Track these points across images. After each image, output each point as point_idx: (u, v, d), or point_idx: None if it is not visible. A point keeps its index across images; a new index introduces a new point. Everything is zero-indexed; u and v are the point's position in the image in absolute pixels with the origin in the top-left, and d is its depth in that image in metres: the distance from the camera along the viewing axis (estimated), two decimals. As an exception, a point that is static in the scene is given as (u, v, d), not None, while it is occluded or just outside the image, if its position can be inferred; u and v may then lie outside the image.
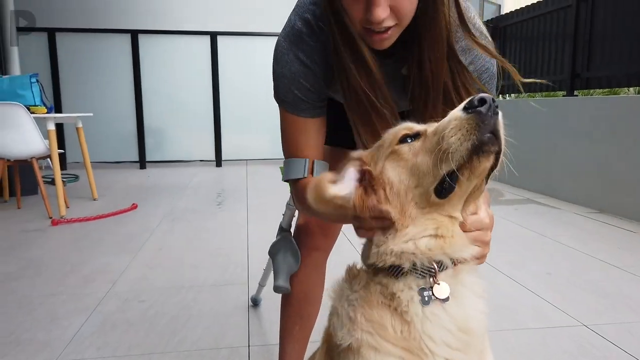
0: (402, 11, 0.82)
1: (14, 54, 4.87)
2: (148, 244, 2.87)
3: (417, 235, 0.71)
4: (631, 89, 4.59)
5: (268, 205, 3.93)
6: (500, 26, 5.56)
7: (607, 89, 4.34)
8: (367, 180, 0.76)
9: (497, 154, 0.69)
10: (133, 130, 6.39)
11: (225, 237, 3.04)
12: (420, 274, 0.71)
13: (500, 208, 3.94)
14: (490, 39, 1.01)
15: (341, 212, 0.75)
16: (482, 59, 1.01)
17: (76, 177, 5.30)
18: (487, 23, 5.99)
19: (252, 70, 6.51)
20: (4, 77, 3.78)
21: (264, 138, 6.72)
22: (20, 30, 4.95)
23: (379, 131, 0.89)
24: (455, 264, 0.72)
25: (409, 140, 0.75)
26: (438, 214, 0.71)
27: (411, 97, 0.98)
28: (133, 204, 3.89)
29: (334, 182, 0.75)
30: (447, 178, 0.67)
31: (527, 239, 3.04)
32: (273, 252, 1.31)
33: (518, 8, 5.32)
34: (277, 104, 1.08)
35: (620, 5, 3.79)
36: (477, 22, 0.99)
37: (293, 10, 1.04)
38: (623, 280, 2.31)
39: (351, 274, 0.80)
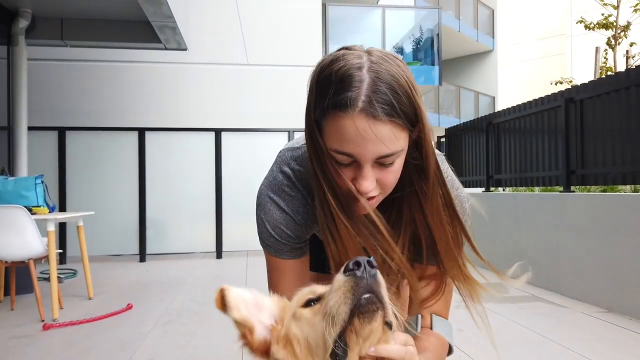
0: (387, 184, 0.88)
1: (23, 151, 5.03)
2: (138, 354, 2.77)
3: None
4: (627, 186, 4.64)
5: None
6: (493, 123, 5.76)
7: (603, 186, 4.39)
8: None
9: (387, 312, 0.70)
10: (135, 223, 6.42)
11: (219, 345, 2.93)
12: None
13: (506, 306, 3.82)
14: (465, 203, 1.09)
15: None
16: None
17: (74, 273, 5.24)
18: (481, 119, 6.22)
19: (253, 163, 6.67)
20: (10, 178, 3.87)
21: (265, 229, 6.70)
22: (31, 129, 5.15)
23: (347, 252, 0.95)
24: None
25: (312, 304, 0.76)
26: None
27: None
28: (128, 304, 3.80)
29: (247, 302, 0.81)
30: (338, 341, 0.67)
31: (534, 344, 2.91)
32: None
33: (510, 106, 5.54)
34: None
35: (607, 107, 3.95)
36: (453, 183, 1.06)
37: (275, 162, 1.10)
38: (638, 397, 2.17)
39: None
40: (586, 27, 11.35)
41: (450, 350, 1.07)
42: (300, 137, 1.12)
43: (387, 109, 0.79)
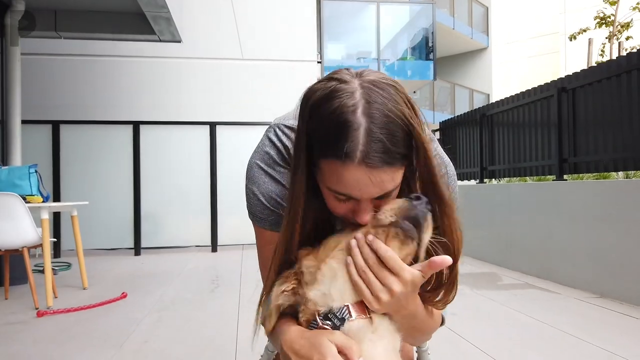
0: (386, 202, 0.88)
1: (17, 143, 5.01)
2: (133, 337, 2.77)
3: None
4: (620, 173, 4.68)
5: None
6: (487, 114, 5.79)
7: (596, 173, 4.42)
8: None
9: (419, 245, 0.81)
10: (130, 217, 6.41)
11: (215, 329, 2.93)
12: None
13: (499, 293, 3.85)
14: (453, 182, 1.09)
15: None
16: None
17: (68, 266, 5.23)
18: (475, 111, 6.25)
19: (248, 156, 6.63)
20: (3, 167, 3.86)
21: (260, 223, 6.72)
22: (25, 122, 5.13)
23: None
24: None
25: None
26: None
27: None
28: (123, 292, 3.80)
29: None
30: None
31: (527, 327, 2.93)
32: None
33: (503, 98, 5.57)
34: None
35: (599, 97, 3.98)
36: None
37: (267, 129, 1.10)
38: (628, 372, 2.20)
39: None
40: (581, 32, 11.44)
41: (443, 321, 1.08)
42: (289, 114, 1.11)
43: (384, 157, 0.81)
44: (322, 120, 0.84)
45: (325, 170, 0.85)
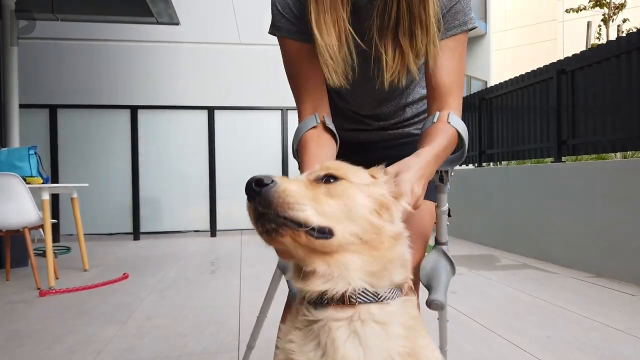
0: None
1: (15, 127, 4.99)
2: (136, 314, 2.79)
3: None
4: (618, 154, 4.70)
5: (262, 272, 3.87)
6: (486, 98, 5.80)
7: (594, 155, 4.44)
8: None
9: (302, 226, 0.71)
10: (128, 201, 6.41)
11: (217, 306, 2.96)
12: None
13: (497, 273, 3.89)
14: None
15: None
16: None
17: (68, 249, 5.24)
18: (474, 95, 6.25)
19: (246, 141, 6.68)
20: (2, 149, 3.85)
21: (259, 208, 6.75)
22: (22, 106, 5.10)
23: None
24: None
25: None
26: None
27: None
28: (124, 273, 3.82)
29: None
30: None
31: (525, 304, 2.97)
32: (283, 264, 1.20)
33: (502, 81, 5.57)
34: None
35: (598, 78, 3.99)
36: None
37: None
38: (624, 343, 2.24)
39: None
40: (577, 11, 11.42)
41: (463, 149, 1.11)
42: None
43: None
44: None
45: None
